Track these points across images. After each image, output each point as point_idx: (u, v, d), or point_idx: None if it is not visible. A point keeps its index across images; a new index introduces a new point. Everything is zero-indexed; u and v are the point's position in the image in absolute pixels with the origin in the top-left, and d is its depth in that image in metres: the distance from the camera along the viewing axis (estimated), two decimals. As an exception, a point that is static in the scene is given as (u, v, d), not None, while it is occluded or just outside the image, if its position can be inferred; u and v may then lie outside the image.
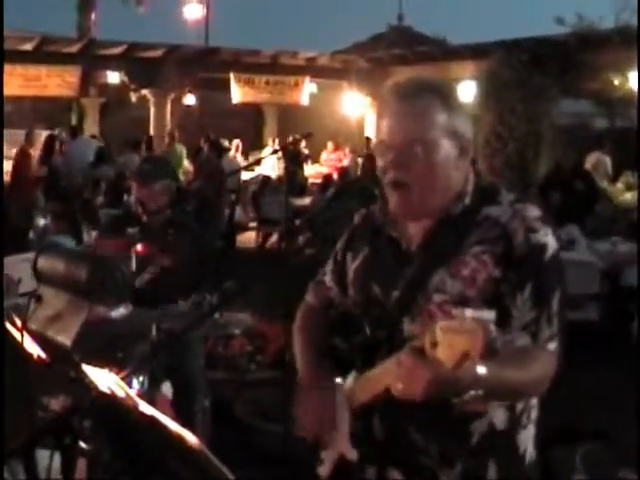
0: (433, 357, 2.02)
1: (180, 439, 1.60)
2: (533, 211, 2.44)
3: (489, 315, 2.03)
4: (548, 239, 2.40)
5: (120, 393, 1.72)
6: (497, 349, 2.21)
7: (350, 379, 2.54)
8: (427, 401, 2.16)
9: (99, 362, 2.33)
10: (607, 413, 6.33)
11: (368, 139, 19.78)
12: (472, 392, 2.12)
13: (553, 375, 2.37)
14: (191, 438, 1.62)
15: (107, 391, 1.79)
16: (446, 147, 2.42)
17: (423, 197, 2.43)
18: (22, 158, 14.84)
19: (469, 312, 2.03)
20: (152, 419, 1.63)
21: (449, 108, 2.43)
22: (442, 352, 2.00)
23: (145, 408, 1.67)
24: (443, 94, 2.45)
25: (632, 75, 16.17)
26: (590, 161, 15.75)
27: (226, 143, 19.21)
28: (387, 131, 2.45)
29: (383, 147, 2.46)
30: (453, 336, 1.98)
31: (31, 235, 10.79)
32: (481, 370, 2.08)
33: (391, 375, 2.19)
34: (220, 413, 6.00)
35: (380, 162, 2.48)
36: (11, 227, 10.62)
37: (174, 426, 1.65)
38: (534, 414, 2.56)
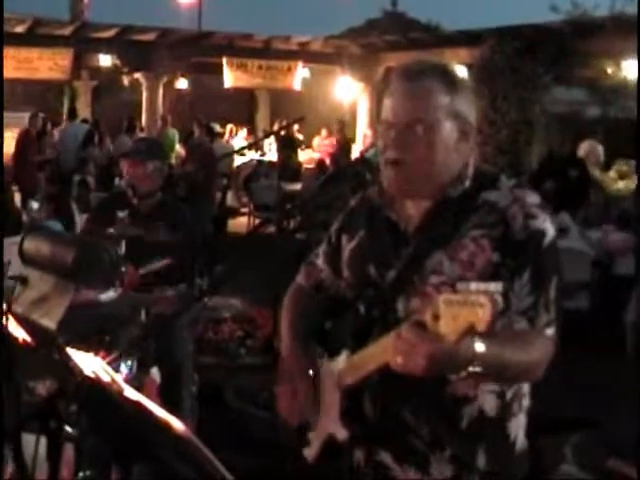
0: (435, 331, 1.99)
1: (167, 425, 1.57)
2: (532, 197, 2.44)
3: (496, 287, 2.00)
4: (547, 225, 2.40)
5: (105, 378, 1.68)
6: (496, 329, 2.19)
7: (342, 358, 2.52)
8: (419, 381, 2.16)
9: (87, 345, 2.30)
10: (597, 402, 6.32)
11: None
12: (470, 368, 2.10)
13: (550, 360, 2.37)
14: (178, 425, 1.59)
15: (92, 376, 1.76)
16: (447, 129, 2.42)
17: (420, 176, 2.43)
18: (27, 141, 14.74)
19: (474, 285, 1.99)
20: (138, 405, 1.61)
21: (453, 90, 2.43)
22: (445, 325, 1.97)
23: (131, 394, 1.65)
24: (447, 76, 2.44)
25: (625, 64, 16.13)
26: (583, 149, 15.69)
27: (218, 127, 19.17)
28: (389, 110, 2.46)
29: (385, 126, 2.46)
30: (457, 308, 1.95)
31: (24, 218, 10.74)
32: (480, 347, 2.08)
33: (388, 351, 2.16)
34: (209, 398, 5.98)
35: (381, 141, 2.48)
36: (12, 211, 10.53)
37: (161, 412, 1.62)
38: (525, 403, 2.56)
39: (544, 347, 2.36)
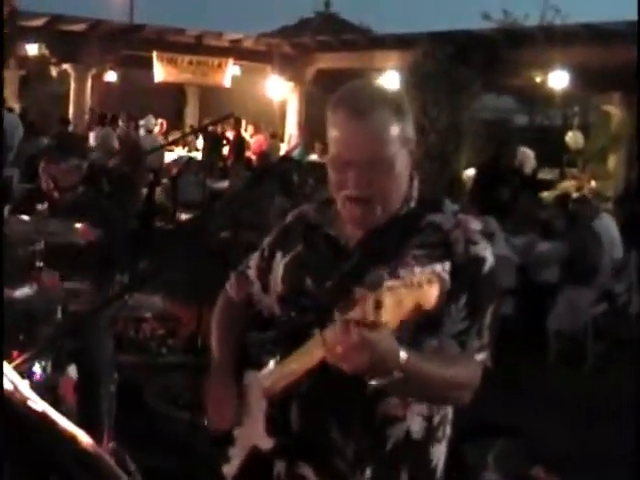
0: (376, 319, 1.94)
1: (73, 438, 1.50)
2: (475, 224, 2.45)
3: (442, 267, 1.96)
4: (487, 253, 2.41)
5: (8, 386, 1.59)
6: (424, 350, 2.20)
7: (269, 368, 2.47)
8: (350, 397, 2.21)
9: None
10: (519, 409, 6.35)
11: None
12: (395, 373, 2.05)
13: (476, 386, 2.36)
14: (84, 438, 1.52)
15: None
16: (403, 157, 2.39)
17: (382, 208, 2.40)
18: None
19: (418, 269, 1.95)
20: (42, 415, 1.52)
21: (401, 118, 2.38)
22: (387, 313, 1.93)
23: (35, 403, 1.56)
24: (396, 105, 2.39)
25: (553, 74, 16.36)
26: (517, 156, 15.90)
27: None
28: (344, 148, 2.37)
29: (340, 163, 2.38)
30: (402, 292, 1.91)
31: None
32: (403, 354, 2.05)
33: (315, 353, 2.13)
34: (128, 398, 5.87)
35: (335, 177, 2.41)
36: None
37: (67, 424, 1.54)
38: (448, 431, 2.54)
39: (472, 371, 2.35)
